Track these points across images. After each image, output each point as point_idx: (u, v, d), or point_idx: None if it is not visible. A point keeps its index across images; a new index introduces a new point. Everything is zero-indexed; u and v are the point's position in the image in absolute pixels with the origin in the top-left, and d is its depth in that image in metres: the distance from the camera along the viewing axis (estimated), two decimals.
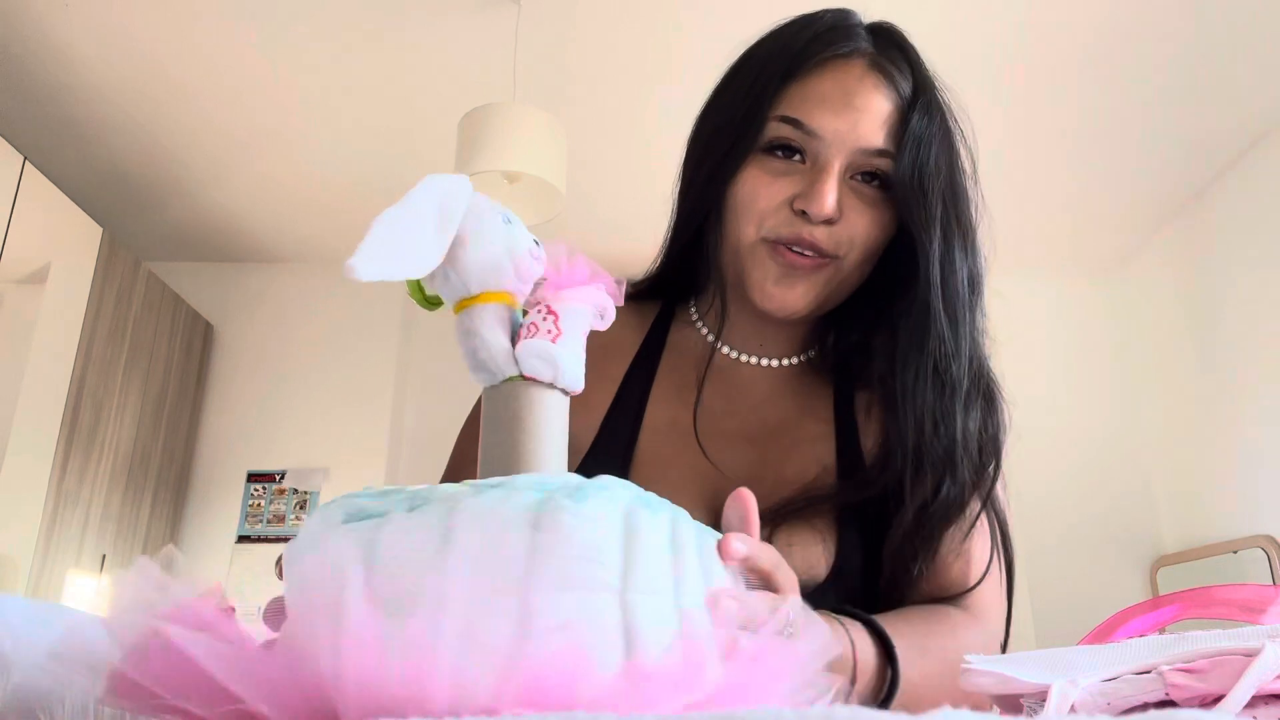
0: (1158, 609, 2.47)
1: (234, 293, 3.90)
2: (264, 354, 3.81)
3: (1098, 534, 3.51)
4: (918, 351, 0.75)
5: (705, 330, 0.87)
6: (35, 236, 2.85)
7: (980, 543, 0.77)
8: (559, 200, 2.32)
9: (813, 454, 0.80)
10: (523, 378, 0.46)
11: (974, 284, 0.77)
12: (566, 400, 0.47)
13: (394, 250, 0.43)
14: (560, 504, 0.36)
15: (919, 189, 0.73)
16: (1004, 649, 0.79)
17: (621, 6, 2.47)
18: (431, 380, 3.86)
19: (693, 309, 0.89)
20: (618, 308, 0.52)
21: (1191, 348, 3.36)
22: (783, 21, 0.81)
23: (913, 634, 0.65)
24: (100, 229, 3.12)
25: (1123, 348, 3.75)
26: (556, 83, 2.74)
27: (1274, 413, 2.92)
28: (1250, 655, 0.41)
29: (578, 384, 0.47)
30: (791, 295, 0.76)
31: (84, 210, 3.08)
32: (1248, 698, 0.40)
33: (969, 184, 0.78)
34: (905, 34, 0.79)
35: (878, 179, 0.76)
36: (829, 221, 0.73)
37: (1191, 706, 0.42)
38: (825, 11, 0.79)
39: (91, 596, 3.06)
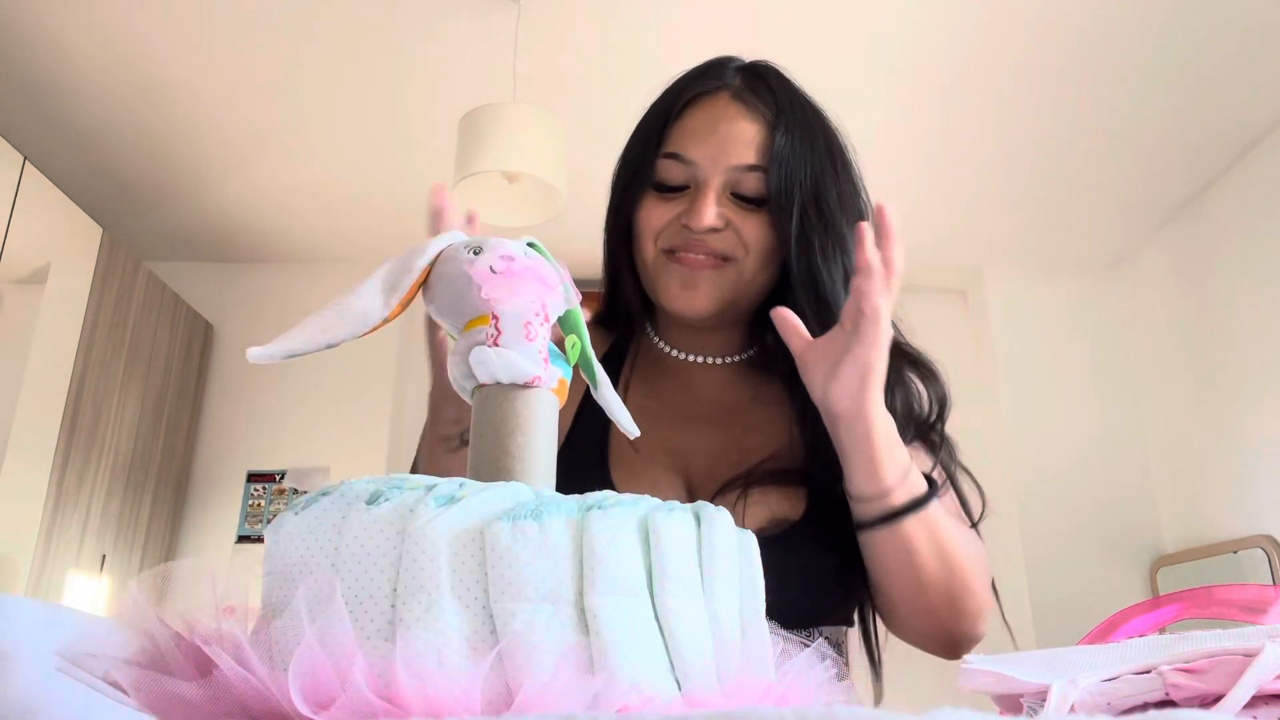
0: (1158, 609, 2.47)
1: (234, 293, 3.90)
2: None
3: (1098, 534, 3.51)
4: None
5: (658, 340, 0.97)
6: (35, 236, 2.85)
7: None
8: (558, 200, 2.32)
9: (772, 431, 0.88)
10: (481, 386, 0.52)
11: (847, 275, 0.84)
12: (538, 395, 0.51)
13: (319, 325, 0.54)
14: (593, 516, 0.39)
15: (783, 193, 0.83)
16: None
17: (621, 7, 2.47)
18: None
19: (649, 325, 1.00)
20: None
21: (1191, 347, 3.36)
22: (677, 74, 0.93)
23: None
24: (100, 229, 3.12)
25: (1122, 347, 3.74)
26: (556, 83, 2.74)
27: (1273, 413, 2.92)
28: (1250, 655, 0.41)
29: (523, 374, 0.51)
30: (696, 297, 0.85)
31: (84, 210, 3.08)
32: (1248, 698, 0.40)
33: (846, 189, 0.88)
34: (777, 68, 0.91)
35: (759, 196, 0.85)
36: (713, 230, 0.83)
37: (1191, 706, 0.42)
38: (712, 59, 0.91)
39: (91, 596, 3.06)
